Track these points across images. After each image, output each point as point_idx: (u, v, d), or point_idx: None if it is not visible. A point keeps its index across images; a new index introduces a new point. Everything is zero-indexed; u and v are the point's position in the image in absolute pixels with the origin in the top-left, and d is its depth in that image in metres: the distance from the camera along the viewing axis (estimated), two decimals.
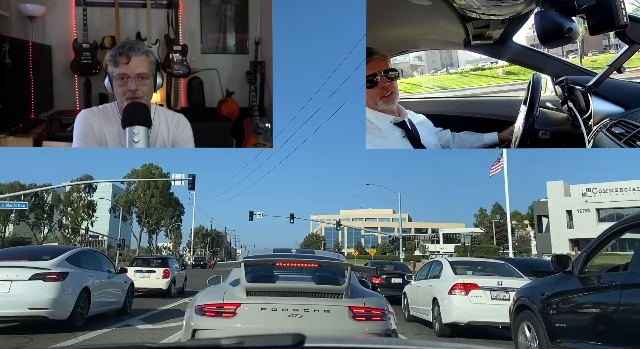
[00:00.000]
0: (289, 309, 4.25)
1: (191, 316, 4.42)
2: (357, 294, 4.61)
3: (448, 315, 8.26)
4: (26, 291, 7.39)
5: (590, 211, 53.44)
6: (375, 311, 4.43)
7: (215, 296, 4.51)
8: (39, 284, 7.47)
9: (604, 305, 4.47)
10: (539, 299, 5.49)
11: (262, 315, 4.25)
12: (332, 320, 4.28)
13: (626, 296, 4.16)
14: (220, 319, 4.28)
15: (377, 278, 14.69)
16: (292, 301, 4.30)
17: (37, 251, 9.03)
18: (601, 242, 5.07)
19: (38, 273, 7.55)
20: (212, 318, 4.30)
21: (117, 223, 65.84)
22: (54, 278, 7.60)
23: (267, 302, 4.30)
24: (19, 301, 7.33)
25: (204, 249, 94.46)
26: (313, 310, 4.27)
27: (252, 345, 1.30)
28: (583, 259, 5.07)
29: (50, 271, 7.67)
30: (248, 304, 4.31)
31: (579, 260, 5.11)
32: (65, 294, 7.71)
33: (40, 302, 7.40)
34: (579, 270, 5.04)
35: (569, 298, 5.06)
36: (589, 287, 4.83)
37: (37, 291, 7.41)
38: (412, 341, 3.31)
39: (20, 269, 7.54)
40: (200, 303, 4.43)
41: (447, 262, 9.52)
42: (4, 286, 7.35)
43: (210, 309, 4.34)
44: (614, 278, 4.54)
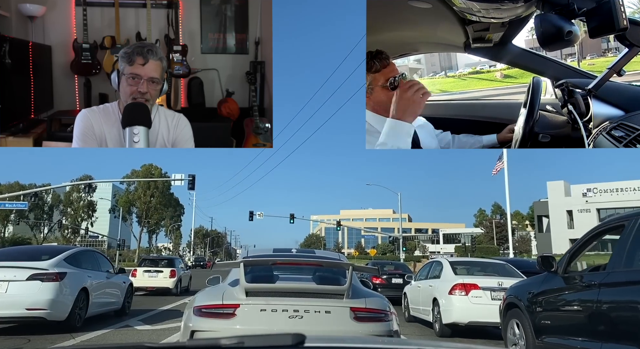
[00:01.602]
0: (289, 310, 4.16)
1: (190, 317, 4.34)
2: (359, 294, 4.53)
3: (448, 315, 8.26)
4: (24, 292, 7.30)
5: (591, 211, 53.35)
6: (377, 312, 4.36)
7: (214, 296, 4.41)
8: (37, 284, 7.38)
9: (584, 303, 4.71)
10: (526, 297, 5.73)
11: (262, 316, 4.17)
12: (333, 321, 4.20)
13: (603, 294, 4.42)
14: (219, 320, 4.19)
15: (378, 278, 14.64)
16: (292, 302, 4.20)
17: (35, 252, 8.92)
18: (583, 243, 5.35)
19: (36, 273, 7.45)
20: (211, 319, 4.21)
21: (117, 224, 65.65)
22: (52, 278, 7.52)
23: (267, 303, 4.21)
24: (17, 302, 7.25)
25: (204, 249, 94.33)
26: (314, 311, 4.18)
27: (252, 345, 1.29)
28: (566, 259, 5.34)
29: (48, 271, 7.58)
30: (247, 305, 4.22)
31: (563, 261, 5.36)
32: (63, 295, 7.62)
33: (38, 303, 7.32)
34: (563, 270, 5.30)
35: (553, 297, 5.32)
36: (571, 286, 5.07)
37: (35, 292, 7.33)
38: (412, 341, 3.30)
39: (18, 270, 7.46)
40: (198, 304, 4.34)
41: (448, 262, 9.52)
42: (1, 287, 7.28)
43: (209, 310, 4.26)
44: (594, 277, 4.77)
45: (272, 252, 5.78)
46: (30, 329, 7.73)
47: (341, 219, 65.91)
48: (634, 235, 4.42)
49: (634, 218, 4.58)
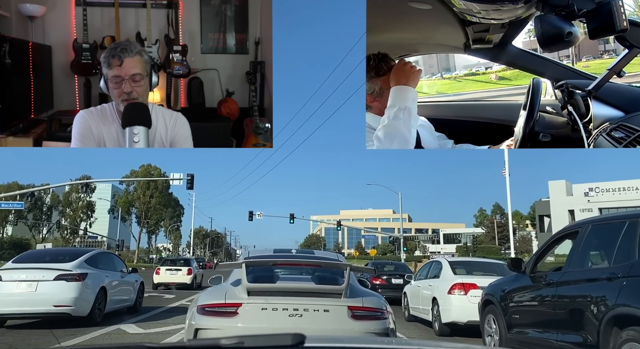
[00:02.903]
0: (289, 309, 4.30)
1: (193, 316, 4.49)
2: (356, 294, 4.67)
3: (447, 315, 8.33)
4: (51, 291, 8.13)
5: (593, 211, 52.05)
6: (374, 310, 4.50)
7: (217, 296, 4.57)
8: (63, 284, 8.22)
9: (545, 298, 5.39)
10: (499, 295, 6.38)
11: (263, 315, 4.32)
12: (332, 319, 4.34)
13: (560, 291, 5.08)
14: (222, 318, 4.35)
15: (377, 278, 14.69)
16: (292, 301, 4.35)
17: (59, 254, 9.74)
18: (547, 247, 6.24)
19: (61, 274, 8.28)
20: (214, 318, 4.37)
21: (117, 224, 65.03)
22: (76, 278, 8.34)
23: (267, 302, 4.36)
24: (45, 300, 8.07)
25: (203, 250, 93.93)
26: (313, 310, 4.32)
27: (252, 345, 1.29)
28: (533, 261, 6.06)
29: (72, 272, 8.40)
30: (249, 304, 4.37)
31: (530, 262, 6.07)
32: (85, 293, 8.45)
33: (64, 300, 8.16)
34: (530, 270, 5.94)
35: (521, 294, 5.97)
36: (536, 284, 5.71)
37: (61, 291, 8.17)
38: (412, 341, 3.31)
39: (45, 271, 8.30)
40: (202, 303, 4.49)
41: (447, 262, 9.60)
42: (32, 286, 8.11)
43: (212, 309, 4.41)
44: (553, 276, 5.43)
45: (272, 253, 5.90)
46: (55, 323, 8.40)
47: (341, 220, 65.78)
48: (584, 240, 5.09)
49: (586, 226, 5.25)
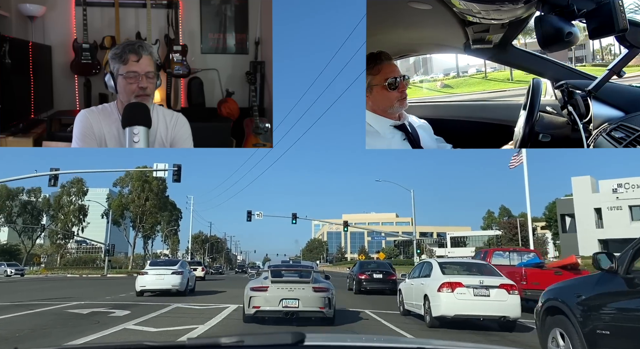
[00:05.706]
0: (288, 288, 9.20)
1: (248, 292, 9.33)
2: (318, 281, 9.58)
3: (437, 309, 9.44)
4: (170, 279, 17.10)
5: (622, 209, 46.65)
6: (324, 289, 9.32)
7: (258, 282, 9.60)
8: (175, 276, 17.25)
9: None
10: (574, 301, 4.76)
11: (277, 291, 9.12)
12: (305, 293, 9.14)
13: None
14: (260, 292, 9.17)
15: (363, 274, 20.22)
16: (289, 285, 9.26)
17: (168, 262, 20.52)
18: None
19: (174, 271, 17.43)
20: (257, 292, 9.21)
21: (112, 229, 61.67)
22: (179, 273, 17.46)
23: (279, 286, 9.23)
24: (170, 283, 17.04)
25: (203, 255, 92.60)
26: (298, 288, 9.20)
27: (252, 344, 1.28)
28: (630, 257, 4.37)
29: (178, 270, 17.58)
30: (271, 286, 9.22)
31: (625, 258, 4.42)
32: (183, 281, 17.49)
33: (175, 284, 17.14)
34: (625, 270, 4.37)
35: (613, 302, 4.45)
36: (636, 289, 4.28)
37: (174, 279, 17.17)
38: (412, 340, 3.32)
39: (167, 269, 17.51)
40: (252, 286, 9.42)
41: (437, 263, 10.82)
42: (162, 277, 17.04)
43: (255, 287, 9.32)
44: None
45: (280, 263, 11.75)
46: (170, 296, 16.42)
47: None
48: None
49: None
